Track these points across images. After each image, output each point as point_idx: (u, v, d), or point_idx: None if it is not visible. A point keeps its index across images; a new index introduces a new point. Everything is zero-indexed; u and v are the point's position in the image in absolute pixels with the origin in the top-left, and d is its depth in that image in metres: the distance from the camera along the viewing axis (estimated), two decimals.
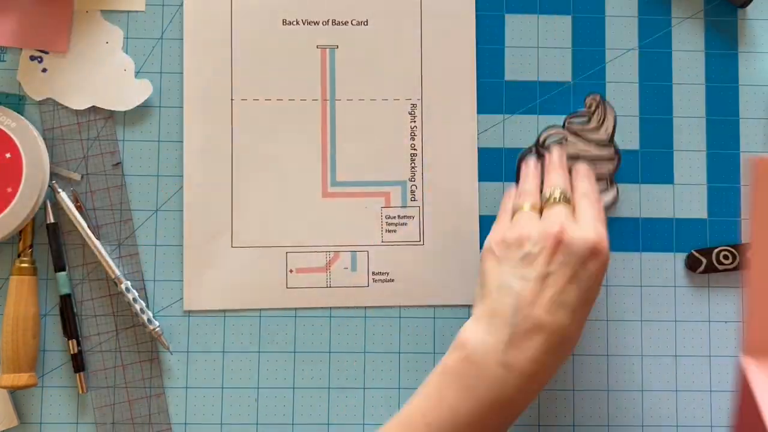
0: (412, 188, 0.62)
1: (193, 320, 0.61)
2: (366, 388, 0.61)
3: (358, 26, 0.63)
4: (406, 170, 0.62)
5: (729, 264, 0.61)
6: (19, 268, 0.59)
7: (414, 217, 0.62)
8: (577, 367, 0.61)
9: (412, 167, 0.62)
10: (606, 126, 0.56)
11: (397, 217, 0.62)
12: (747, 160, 0.63)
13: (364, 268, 0.62)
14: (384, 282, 0.62)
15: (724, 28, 0.64)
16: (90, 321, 0.61)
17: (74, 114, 0.62)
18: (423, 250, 0.62)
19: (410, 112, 0.63)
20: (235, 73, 0.62)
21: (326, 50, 0.63)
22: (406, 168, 0.62)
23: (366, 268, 0.62)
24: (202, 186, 0.62)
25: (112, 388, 0.60)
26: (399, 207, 0.62)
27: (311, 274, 0.62)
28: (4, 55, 0.62)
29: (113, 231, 0.61)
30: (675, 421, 0.61)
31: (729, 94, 0.63)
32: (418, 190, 0.62)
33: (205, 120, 0.62)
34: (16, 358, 0.58)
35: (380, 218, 0.62)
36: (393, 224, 0.62)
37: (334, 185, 0.62)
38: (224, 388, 0.61)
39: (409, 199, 0.62)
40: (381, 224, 0.62)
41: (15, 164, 0.59)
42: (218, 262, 0.61)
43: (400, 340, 0.61)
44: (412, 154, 0.62)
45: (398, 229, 0.62)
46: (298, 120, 0.62)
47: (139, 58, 0.62)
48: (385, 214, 0.62)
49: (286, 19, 0.63)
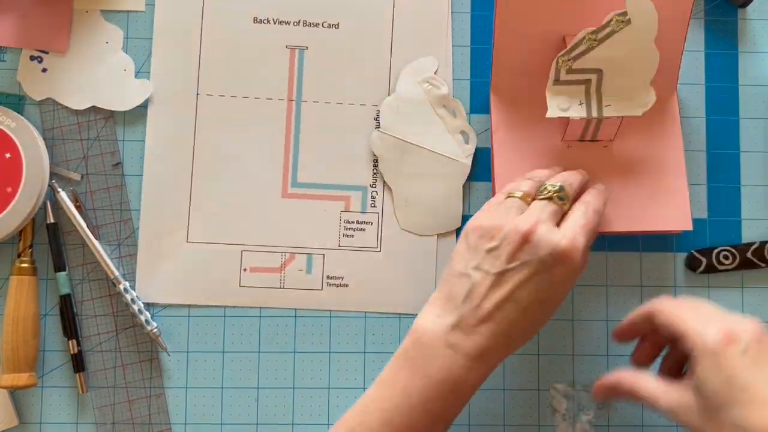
0: (373, 194, 0.62)
1: (193, 320, 0.61)
2: (366, 388, 0.61)
3: (330, 29, 0.63)
4: (368, 176, 0.62)
5: (729, 264, 0.61)
6: (19, 268, 0.59)
7: (372, 223, 0.62)
8: (578, 367, 0.61)
9: (374, 173, 0.62)
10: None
11: (355, 223, 0.62)
12: (746, 159, 0.63)
13: (319, 271, 0.61)
14: (338, 287, 0.61)
15: (724, 28, 0.64)
16: (90, 321, 0.61)
17: (74, 114, 0.62)
18: (379, 257, 0.62)
19: (376, 118, 0.62)
20: (202, 68, 0.62)
21: (296, 51, 0.63)
22: (368, 174, 0.62)
23: (321, 272, 0.61)
24: (161, 179, 0.61)
25: (112, 388, 0.60)
26: (358, 212, 0.62)
27: (265, 274, 0.61)
28: (4, 55, 0.62)
29: (113, 231, 0.61)
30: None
31: (729, 94, 0.63)
32: (379, 197, 0.62)
33: (170, 113, 0.62)
34: (16, 358, 0.58)
35: (339, 222, 0.62)
36: (351, 229, 0.62)
37: (294, 186, 0.62)
38: (224, 388, 0.61)
39: (369, 205, 0.62)
40: (339, 228, 0.62)
41: (15, 164, 0.59)
42: (173, 256, 0.61)
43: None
44: (374, 161, 0.62)
45: (356, 235, 0.62)
46: (262, 119, 0.62)
47: (139, 58, 0.62)
48: (344, 219, 0.62)
49: (258, 17, 0.63)
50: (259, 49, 0.63)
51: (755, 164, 0.63)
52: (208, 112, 0.62)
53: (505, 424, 0.61)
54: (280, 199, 0.62)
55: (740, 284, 0.62)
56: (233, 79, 0.62)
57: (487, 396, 0.61)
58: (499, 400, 0.61)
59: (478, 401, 0.61)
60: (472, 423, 0.61)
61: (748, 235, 0.62)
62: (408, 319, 0.61)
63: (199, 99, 0.62)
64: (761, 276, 0.62)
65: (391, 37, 0.63)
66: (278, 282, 0.61)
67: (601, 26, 0.54)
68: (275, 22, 0.63)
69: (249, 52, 0.62)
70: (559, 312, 0.61)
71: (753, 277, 0.62)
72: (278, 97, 0.63)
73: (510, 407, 0.61)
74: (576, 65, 0.55)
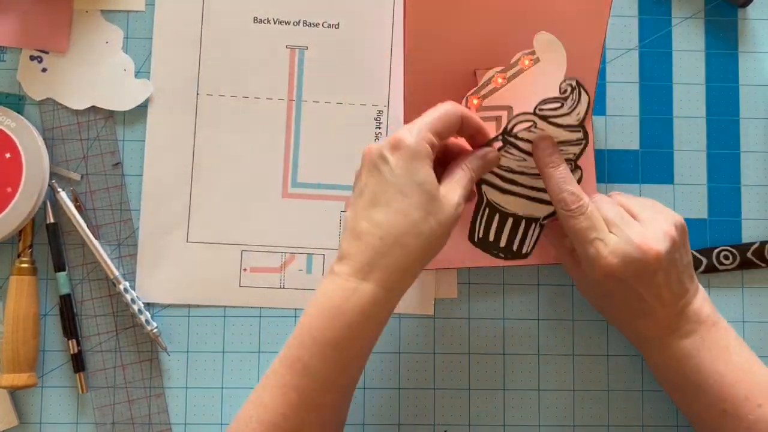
0: None
1: (193, 320, 0.61)
2: (366, 388, 0.61)
3: (330, 29, 0.63)
4: None
5: (729, 264, 0.61)
6: (19, 268, 0.59)
7: None
8: (578, 368, 0.61)
9: None
10: (578, 110, 0.55)
11: None
12: (747, 160, 0.63)
13: (319, 271, 0.61)
14: None
15: (724, 28, 0.64)
16: (90, 321, 0.61)
17: (74, 114, 0.62)
18: None
19: (376, 118, 0.62)
20: (202, 67, 0.62)
21: (296, 51, 0.63)
22: None
23: (321, 272, 0.61)
24: (161, 179, 0.61)
25: (112, 388, 0.60)
26: None
27: (265, 273, 0.61)
28: (4, 55, 0.62)
29: (113, 231, 0.61)
30: (675, 421, 0.61)
31: (729, 94, 0.63)
32: None
33: (170, 112, 0.62)
34: (16, 358, 0.58)
35: (339, 222, 0.62)
36: None
37: (295, 186, 0.62)
38: (224, 388, 0.61)
39: None
40: (339, 228, 0.62)
41: (15, 164, 0.59)
42: (172, 256, 0.61)
43: (435, 341, 0.61)
44: None
45: None
46: (263, 118, 0.62)
47: (139, 58, 0.62)
48: (344, 219, 0.62)
49: (258, 17, 0.63)
50: (259, 49, 0.63)
51: (755, 164, 0.63)
52: (208, 112, 0.62)
53: (505, 425, 0.61)
54: (280, 199, 0.62)
55: (740, 284, 0.62)
56: (233, 79, 0.62)
57: (487, 396, 0.61)
58: (500, 399, 0.61)
59: (478, 401, 0.61)
60: (472, 423, 0.61)
61: (748, 235, 0.62)
62: (408, 319, 0.61)
63: (199, 99, 0.62)
64: (761, 276, 0.62)
65: (391, 37, 0.63)
66: (278, 282, 0.61)
67: (509, 65, 0.54)
68: (275, 22, 0.63)
69: (249, 52, 0.62)
70: (560, 312, 0.61)
71: (753, 277, 0.62)
72: (278, 97, 0.63)
73: (510, 407, 0.61)
74: (486, 103, 0.55)
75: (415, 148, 0.49)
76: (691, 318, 0.53)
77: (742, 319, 0.62)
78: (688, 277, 0.54)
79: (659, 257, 0.51)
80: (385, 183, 0.49)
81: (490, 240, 0.58)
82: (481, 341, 0.61)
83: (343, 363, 0.49)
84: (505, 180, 0.57)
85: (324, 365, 0.48)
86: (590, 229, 0.52)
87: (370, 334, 0.50)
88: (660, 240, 0.51)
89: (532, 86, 0.55)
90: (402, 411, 0.61)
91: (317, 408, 0.49)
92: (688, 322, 0.53)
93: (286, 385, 0.49)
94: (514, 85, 0.55)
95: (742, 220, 0.63)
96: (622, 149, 0.63)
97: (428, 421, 0.61)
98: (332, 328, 0.48)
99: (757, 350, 0.54)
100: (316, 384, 0.48)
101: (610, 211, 0.53)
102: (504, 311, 0.62)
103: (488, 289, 0.62)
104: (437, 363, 0.61)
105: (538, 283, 0.62)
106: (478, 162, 0.53)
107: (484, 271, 0.62)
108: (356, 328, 0.48)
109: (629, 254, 0.51)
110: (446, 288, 0.62)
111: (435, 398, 0.61)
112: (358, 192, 0.50)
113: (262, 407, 0.49)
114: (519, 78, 0.55)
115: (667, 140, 0.63)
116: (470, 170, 0.52)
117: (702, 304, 0.54)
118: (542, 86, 0.55)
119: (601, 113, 0.63)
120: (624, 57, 0.63)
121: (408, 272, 0.49)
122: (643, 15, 0.64)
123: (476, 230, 0.58)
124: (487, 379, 0.61)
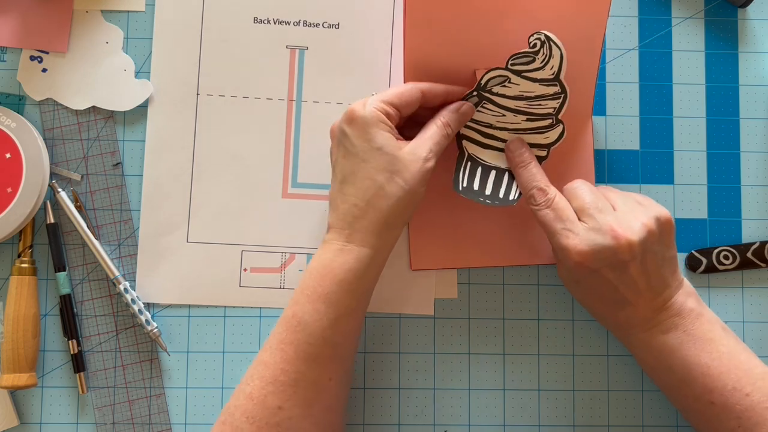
0: None
1: (193, 320, 0.61)
2: (366, 388, 0.61)
3: (330, 29, 0.63)
4: None
5: (729, 264, 0.61)
6: (19, 268, 0.59)
7: None
8: (578, 368, 0.61)
9: None
10: (552, 64, 0.55)
11: None
12: (747, 160, 0.63)
13: None
14: None
15: (724, 28, 0.64)
16: (90, 321, 0.61)
17: (74, 114, 0.62)
18: None
19: None
20: (202, 68, 0.62)
21: (296, 51, 0.63)
22: None
23: None
24: (161, 179, 0.62)
25: (112, 388, 0.60)
26: None
27: (265, 273, 0.62)
28: (4, 55, 0.62)
29: (113, 231, 0.61)
30: (675, 421, 0.61)
31: (729, 94, 0.63)
32: None
33: (170, 113, 0.62)
34: (16, 358, 0.58)
35: None
36: None
37: (295, 186, 0.62)
38: (224, 388, 0.61)
39: None
40: None
41: (15, 164, 0.59)
42: (173, 256, 0.61)
43: (435, 342, 0.61)
44: None
45: None
46: (262, 119, 0.62)
47: (139, 58, 0.62)
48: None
49: (258, 17, 0.63)
50: (259, 49, 0.63)
51: (755, 164, 0.63)
52: (208, 112, 0.62)
53: (504, 425, 0.61)
54: (281, 199, 0.62)
55: (740, 284, 0.62)
56: (233, 79, 0.62)
57: (487, 396, 0.61)
58: (500, 399, 0.61)
59: (478, 401, 0.61)
60: (472, 423, 0.61)
61: (748, 235, 0.62)
62: (408, 319, 0.61)
63: (199, 99, 0.62)
64: (761, 276, 0.62)
65: (391, 37, 0.63)
66: (278, 282, 0.61)
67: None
68: (275, 22, 0.63)
69: (249, 52, 0.63)
70: (560, 312, 0.61)
71: (753, 277, 0.62)
72: (278, 97, 0.63)
73: (510, 407, 0.61)
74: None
75: (368, 117, 0.53)
76: (672, 312, 0.54)
77: (742, 319, 0.62)
78: (670, 272, 0.54)
79: (631, 245, 0.51)
80: (349, 154, 0.54)
81: (475, 189, 0.57)
82: (481, 341, 0.61)
83: (335, 317, 0.52)
84: (485, 135, 0.58)
85: (317, 319, 0.52)
86: (556, 220, 0.53)
87: (359, 289, 0.53)
88: (634, 229, 0.52)
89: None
90: (402, 411, 0.61)
91: (314, 361, 0.51)
92: (670, 317, 0.54)
93: (283, 341, 0.52)
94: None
95: (742, 220, 0.63)
96: (622, 149, 0.63)
97: (428, 421, 0.61)
98: (323, 285, 0.52)
99: (757, 350, 0.54)
100: (311, 338, 0.51)
101: (586, 199, 0.54)
102: (504, 311, 0.62)
103: (488, 289, 0.62)
104: (437, 363, 0.61)
105: (538, 283, 0.62)
106: (451, 115, 0.56)
107: (484, 271, 0.62)
108: (345, 285, 0.52)
109: (597, 242, 0.52)
110: (446, 288, 0.62)
111: (435, 398, 0.61)
112: (332, 167, 0.56)
113: (262, 365, 0.52)
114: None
115: (667, 140, 0.63)
116: (444, 125, 0.55)
117: (686, 299, 0.54)
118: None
119: (601, 113, 0.63)
120: (624, 57, 0.63)
121: (388, 229, 0.53)
122: (643, 15, 0.64)
123: (460, 180, 0.57)
124: (487, 379, 0.61)
